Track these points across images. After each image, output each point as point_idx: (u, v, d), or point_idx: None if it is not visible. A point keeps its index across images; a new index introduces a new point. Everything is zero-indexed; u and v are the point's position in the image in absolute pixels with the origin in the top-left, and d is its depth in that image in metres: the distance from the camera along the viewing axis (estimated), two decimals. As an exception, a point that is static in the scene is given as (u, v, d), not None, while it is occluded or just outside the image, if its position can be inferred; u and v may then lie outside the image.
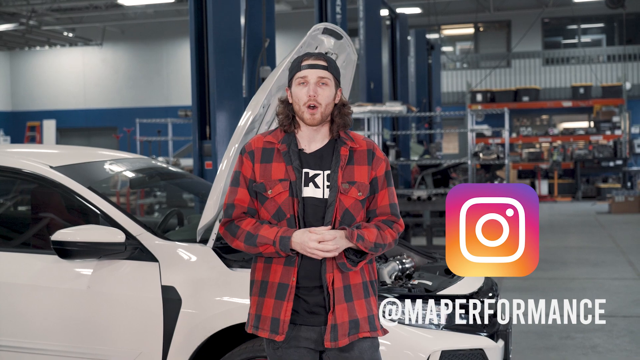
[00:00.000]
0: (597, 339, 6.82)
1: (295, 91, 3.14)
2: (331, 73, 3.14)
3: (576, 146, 23.07)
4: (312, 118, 3.10)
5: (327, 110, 3.12)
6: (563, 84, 24.32)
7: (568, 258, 11.36)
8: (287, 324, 3.06)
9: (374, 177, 3.18)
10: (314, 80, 3.10)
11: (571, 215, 17.56)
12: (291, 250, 3.03)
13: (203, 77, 7.23)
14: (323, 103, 3.10)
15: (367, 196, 3.15)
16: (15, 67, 27.66)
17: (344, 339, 3.07)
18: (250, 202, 3.15)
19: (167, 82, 25.81)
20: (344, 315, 3.08)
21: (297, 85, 3.13)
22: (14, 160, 4.53)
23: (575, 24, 25.41)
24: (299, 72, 3.13)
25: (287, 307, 3.06)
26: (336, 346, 3.07)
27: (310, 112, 3.09)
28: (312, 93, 3.09)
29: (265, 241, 3.04)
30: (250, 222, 3.11)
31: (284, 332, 3.06)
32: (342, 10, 9.93)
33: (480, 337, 3.98)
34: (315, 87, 3.10)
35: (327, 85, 3.12)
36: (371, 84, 12.22)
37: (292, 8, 21.70)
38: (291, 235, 3.02)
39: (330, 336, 3.06)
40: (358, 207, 3.13)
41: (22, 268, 4.25)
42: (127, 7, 21.27)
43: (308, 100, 3.09)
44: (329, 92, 3.12)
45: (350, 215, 3.11)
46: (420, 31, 18.48)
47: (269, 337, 3.09)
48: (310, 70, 3.11)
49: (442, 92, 23.45)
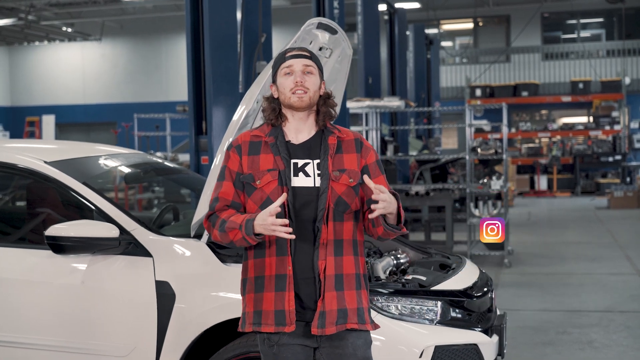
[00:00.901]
0: (594, 334, 6.82)
1: (281, 81, 3.16)
2: (315, 62, 3.19)
3: (575, 141, 23.07)
4: (300, 100, 3.12)
5: (315, 96, 3.16)
6: (562, 79, 24.30)
7: (566, 253, 11.37)
8: (294, 313, 3.05)
9: (365, 165, 3.21)
10: (300, 69, 3.14)
11: (570, 211, 17.57)
12: (255, 235, 2.99)
13: (199, 72, 7.22)
14: (311, 88, 3.14)
15: (358, 182, 3.16)
16: (14, 62, 27.63)
17: (332, 327, 3.06)
18: (235, 196, 3.16)
19: (166, 77, 25.77)
20: (333, 303, 3.07)
21: (283, 76, 3.16)
22: (9, 155, 4.52)
23: (575, 18, 25.37)
24: (283, 62, 3.17)
25: (289, 296, 3.06)
26: (323, 333, 3.05)
27: (298, 95, 3.12)
28: (299, 79, 3.12)
29: (233, 226, 3.03)
30: (230, 212, 3.11)
31: (292, 322, 3.05)
32: (339, 5, 9.91)
33: (474, 332, 3.98)
34: (301, 74, 3.14)
35: (312, 73, 3.16)
36: (369, 79, 12.20)
37: (291, 3, 21.67)
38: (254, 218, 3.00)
39: (317, 322, 3.05)
40: (351, 194, 3.14)
41: (16, 263, 4.25)
42: (125, 1, 21.25)
43: (295, 87, 3.12)
44: (315, 79, 3.17)
45: (344, 202, 3.12)
46: (419, 26, 18.44)
47: (275, 330, 3.07)
48: (296, 60, 3.15)
49: (441, 87, 23.42)
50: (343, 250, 3.13)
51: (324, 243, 3.09)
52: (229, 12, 7.27)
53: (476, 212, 10.67)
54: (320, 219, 3.09)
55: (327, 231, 3.09)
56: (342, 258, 3.12)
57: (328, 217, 3.10)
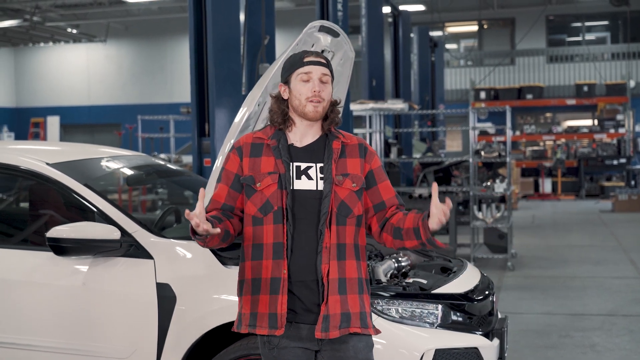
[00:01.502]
0: (597, 338, 6.81)
1: (297, 87, 3.14)
2: (330, 71, 3.19)
3: (580, 144, 23.04)
4: (315, 112, 3.12)
5: (327, 106, 3.18)
6: (567, 82, 24.29)
7: (570, 256, 11.35)
8: (285, 317, 3.06)
9: (370, 170, 3.22)
10: (318, 77, 3.14)
11: (574, 214, 17.54)
12: (195, 235, 2.99)
13: (202, 74, 7.21)
14: (326, 99, 3.15)
15: (361, 187, 3.17)
16: (20, 64, 27.68)
17: (335, 331, 3.07)
18: (227, 199, 3.16)
19: (170, 79, 25.81)
20: (337, 307, 3.08)
21: (299, 81, 3.14)
22: (12, 157, 4.53)
23: (580, 21, 25.35)
24: (301, 67, 3.14)
25: (282, 300, 3.06)
26: (326, 337, 3.06)
27: (314, 105, 3.11)
28: (317, 89, 3.11)
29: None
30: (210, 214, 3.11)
31: (283, 325, 3.06)
32: (343, 7, 9.91)
33: (475, 335, 3.97)
34: (319, 83, 3.13)
35: (327, 83, 3.17)
36: (373, 81, 12.19)
37: (295, 5, 21.67)
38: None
39: (321, 326, 3.06)
40: (354, 198, 3.15)
41: (17, 264, 4.26)
42: (130, 3, 21.27)
43: (313, 96, 3.11)
44: (329, 89, 3.17)
45: (347, 207, 3.13)
46: (424, 28, 18.45)
47: (268, 333, 3.08)
48: (315, 67, 3.14)
49: (446, 89, 23.42)
50: (346, 254, 3.13)
51: (327, 247, 3.09)
52: (231, 13, 7.27)
53: (479, 215, 10.66)
54: (323, 222, 3.09)
55: (329, 235, 3.10)
56: (345, 262, 3.13)
57: (331, 221, 3.11)
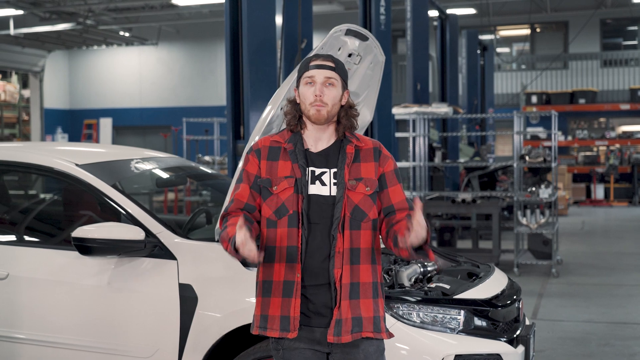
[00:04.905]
0: (637, 347, 6.66)
1: (302, 90, 3.17)
2: (338, 74, 3.17)
3: (634, 150, 22.60)
4: (317, 114, 3.12)
5: (333, 109, 3.15)
6: (621, 86, 23.84)
7: (618, 264, 11.13)
8: (298, 320, 3.06)
9: (382, 173, 3.20)
10: (321, 80, 3.13)
11: (626, 220, 17.22)
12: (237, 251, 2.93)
13: (238, 77, 7.23)
14: (329, 103, 3.13)
15: (375, 191, 3.15)
16: (73, 66, 28.17)
17: (347, 335, 3.06)
18: (250, 198, 3.17)
19: (220, 82, 25.97)
20: (349, 312, 3.07)
21: (304, 85, 3.17)
22: (46, 158, 4.60)
23: (636, 25, 24.86)
24: (306, 71, 3.17)
25: (295, 303, 3.06)
26: (339, 341, 3.05)
27: (316, 108, 3.11)
28: (318, 92, 3.12)
29: (225, 237, 3.03)
30: (235, 220, 3.08)
31: (296, 328, 3.06)
32: (386, 10, 9.86)
33: (498, 342, 3.91)
34: (321, 87, 3.13)
35: (333, 85, 3.15)
36: (418, 85, 12.13)
37: (344, 8, 21.66)
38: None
39: (333, 331, 3.05)
40: (368, 202, 3.14)
41: (44, 263, 4.33)
42: (182, 7, 21.48)
43: (314, 100, 3.12)
44: (335, 92, 3.15)
45: (361, 211, 3.12)
46: (472, 32, 18.27)
47: (279, 336, 3.08)
48: (318, 71, 3.14)
49: (496, 93, 23.15)
50: (360, 258, 3.12)
51: (340, 252, 3.08)
52: (267, 16, 7.28)
53: (523, 221, 10.51)
54: (336, 227, 3.08)
55: (342, 240, 3.09)
56: (359, 267, 3.11)
57: (344, 225, 3.10)
